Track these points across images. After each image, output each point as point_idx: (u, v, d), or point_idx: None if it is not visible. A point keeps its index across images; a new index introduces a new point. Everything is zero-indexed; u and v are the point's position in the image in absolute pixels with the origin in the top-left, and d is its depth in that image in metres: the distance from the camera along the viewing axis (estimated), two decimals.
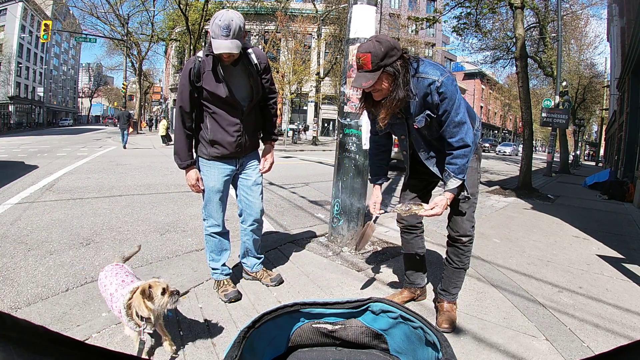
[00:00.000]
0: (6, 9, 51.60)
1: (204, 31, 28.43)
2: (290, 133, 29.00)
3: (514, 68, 11.67)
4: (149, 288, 1.78)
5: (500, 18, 18.70)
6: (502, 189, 9.65)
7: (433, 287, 3.04)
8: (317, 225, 5.02)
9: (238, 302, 2.74)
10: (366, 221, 2.87)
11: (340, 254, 3.84)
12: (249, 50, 2.66)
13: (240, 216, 2.99)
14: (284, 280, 3.13)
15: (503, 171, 18.46)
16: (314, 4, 29.60)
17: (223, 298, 2.76)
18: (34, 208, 5.15)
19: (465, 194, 2.30)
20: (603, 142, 37.05)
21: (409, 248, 2.79)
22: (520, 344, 2.38)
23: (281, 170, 3.02)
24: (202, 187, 2.74)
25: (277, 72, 26.89)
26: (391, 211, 2.30)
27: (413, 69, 2.14)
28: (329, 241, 4.13)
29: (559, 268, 3.98)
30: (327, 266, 3.52)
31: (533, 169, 11.35)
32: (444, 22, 13.83)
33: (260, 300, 2.82)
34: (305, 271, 3.36)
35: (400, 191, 2.80)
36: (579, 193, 11.30)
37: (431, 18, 12.73)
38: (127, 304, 1.81)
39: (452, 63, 51.30)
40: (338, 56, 28.83)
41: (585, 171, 23.16)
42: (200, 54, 2.59)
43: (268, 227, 4.67)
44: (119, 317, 1.91)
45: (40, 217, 4.72)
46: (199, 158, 2.78)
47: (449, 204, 2.48)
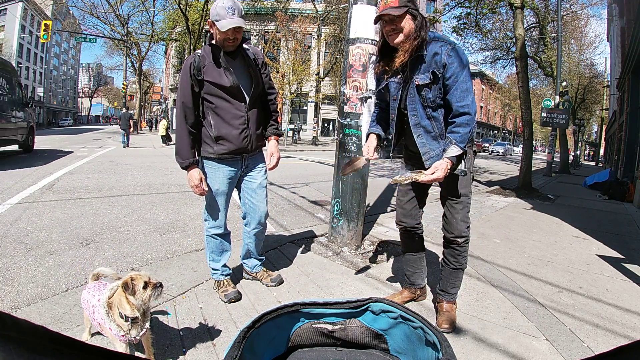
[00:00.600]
0: (6, 9, 51.65)
1: (204, 31, 28.41)
2: (290, 133, 29.04)
3: (514, 68, 11.69)
4: (131, 281, 1.70)
5: (500, 18, 18.72)
6: (502, 189, 9.67)
7: (431, 288, 3.05)
8: (317, 225, 5.02)
9: (238, 302, 2.74)
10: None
11: (340, 254, 3.84)
12: (245, 45, 2.69)
13: (243, 219, 2.97)
14: (284, 280, 3.13)
15: (503, 171, 18.48)
16: (314, 4, 29.61)
17: (223, 298, 2.75)
18: (34, 208, 5.14)
19: (462, 168, 2.27)
20: (603, 142, 37.04)
21: (409, 248, 2.80)
22: (520, 344, 2.39)
23: (281, 170, 3.02)
24: (206, 188, 2.65)
25: (277, 72, 26.90)
26: (392, 182, 2.25)
27: (429, 32, 2.26)
28: (329, 241, 4.13)
29: (559, 268, 3.98)
30: (327, 266, 3.52)
31: (533, 169, 11.37)
32: (444, 22, 13.82)
33: (260, 300, 2.82)
34: (305, 271, 3.37)
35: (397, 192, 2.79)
36: (579, 193, 11.30)
37: (431, 18, 12.73)
38: (108, 303, 1.74)
39: None
40: (338, 56, 28.83)
41: (585, 171, 23.16)
42: (198, 51, 2.61)
43: (268, 228, 4.64)
44: (101, 327, 1.80)
45: (40, 217, 4.71)
46: (203, 160, 2.73)
47: (444, 204, 2.51)
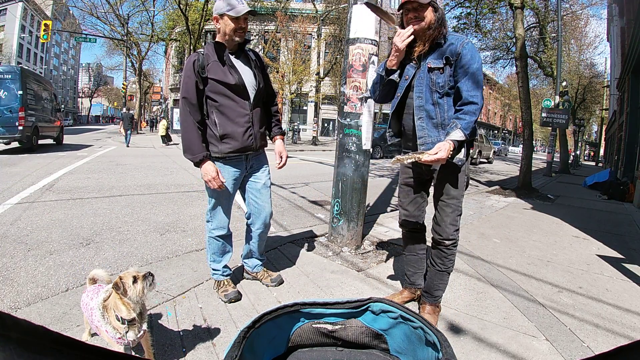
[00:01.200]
0: (6, 9, 51.64)
1: (204, 31, 28.42)
2: (290, 133, 29.06)
3: (514, 68, 11.70)
4: (120, 280, 1.70)
5: (500, 18, 18.69)
6: (502, 189, 9.68)
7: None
8: (317, 225, 5.02)
9: (238, 302, 2.74)
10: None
11: (340, 254, 3.84)
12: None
13: (247, 219, 2.96)
14: (284, 280, 3.12)
15: (503, 171, 18.50)
16: (314, 4, 29.60)
17: (223, 298, 2.75)
18: (34, 208, 5.14)
19: (461, 157, 2.29)
20: (603, 142, 37.03)
21: (411, 249, 2.80)
22: (520, 344, 2.39)
23: (281, 170, 3.03)
24: (224, 180, 2.60)
25: (277, 72, 26.89)
26: (393, 162, 2.24)
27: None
28: (329, 241, 4.14)
29: (559, 268, 3.98)
30: (327, 266, 3.52)
31: (533, 169, 11.37)
32: None
33: (260, 300, 2.82)
34: (305, 271, 3.37)
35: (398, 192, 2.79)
36: (579, 193, 11.30)
37: None
38: (103, 305, 1.73)
39: None
40: (338, 56, 28.82)
41: (585, 171, 23.16)
42: (201, 50, 2.62)
43: None
44: (98, 329, 1.78)
45: (40, 217, 4.71)
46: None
47: (436, 205, 2.51)
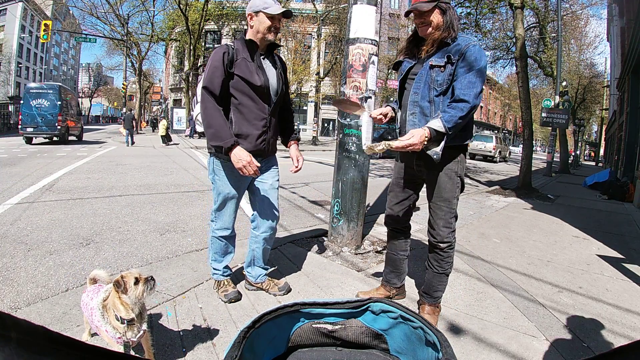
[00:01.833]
0: (6, 9, 51.64)
1: (204, 31, 28.43)
2: None
3: (514, 68, 11.70)
4: (122, 279, 1.69)
5: (500, 18, 18.67)
6: (502, 189, 9.69)
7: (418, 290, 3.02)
8: (317, 225, 5.02)
9: (238, 302, 2.74)
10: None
11: (340, 254, 3.84)
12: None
13: (252, 222, 2.88)
14: (283, 279, 3.11)
15: (503, 171, 18.51)
16: (314, 4, 29.61)
17: (223, 298, 2.74)
18: (34, 208, 5.14)
19: (437, 151, 2.17)
20: (603, 142, 37.02)
21: (392, 248, 2.83)
22: (520, 344, 2.39)
23: (281, 170, 3.01)
24: (259, 165, 2.43)
25: None
26: (366, 149, 2.21)
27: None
28: (329, 241, 4.13)
29: (559, 268, 3.99)
30: (327, 266, 3.52)
31: (533, 169, 11.38)
32: None
33: (260, 300, 2.82)
34: (305, 271, 3.36)
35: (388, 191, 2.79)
36: (579, 193, 11.31)
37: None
38: (103, 305, 1.73)
39: None
40: (338, 56, 28.83)
41: (585, 171, 23.16)
42: (230, 43, 2.56)
43: None
44: (98, 329, 1.78)
45: (40, 217, 4.71)
46: (215, 160, 2.63)
47: (429, 207, 2.50)
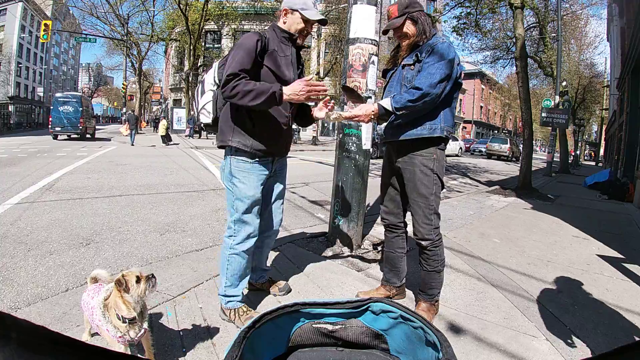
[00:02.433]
0: (6, 9, 51.61)
1: (204, 31, 28.44)
2: None
3: (514, 68, 11.72)
4: (123, 277, 1.68)
5: (500, 18, 18.64)
6: (502, 189, 9.70)
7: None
8: (318, 225, 5.04)
9: None
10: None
11: (340, 254, 3.84)
12: None
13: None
14: (283, 280, 3.10)
15: (503, 171, 18.53)
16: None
17: None
18: (34, 208, 5.14)
19: (381, 127, 2.51)
20: (603, 142, 37.02)
21: (390, 246, 2.84)
22: (520, 344, 2.39)
23: None
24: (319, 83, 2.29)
25: None
26: (325, 118, 2.40)
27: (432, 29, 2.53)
28: (329, 241, 4.14)
29: (559, 268, 3.99)
30: (327, 266, 3.52)
31: (533, 169, 11.39)
32: (444, 22, 13.81)
33: (259, 299, 2.82)
34: (305, 271, 3.36)
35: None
36: (579, 193, 11.32)
37: (431, 18, 12.73)
38: (104, 304, 1.71)
39: None
40: (338, 56, 28.79)
41: (585, 171, 23.16)
42: (264, 32, 2.44)
43: None
44: (99, 328, 1.77)
45: (40, 217, 4.71)
46: (235, 161, 2.41)
47: (410, 207, 2.57)
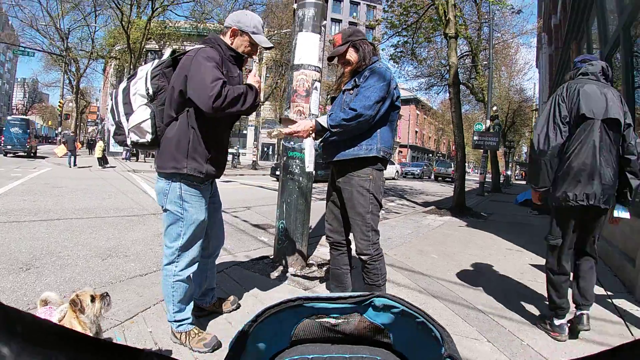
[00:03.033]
0: None
1: (145, 50, 27.88)
2: (229, 157, 28.86)
3: (448, 94, 12.31)
4: (78, 297, 1.67)
5: (435, 47, 19.54)
6: (438, 209, 10.14)
7: None
8: (262, 248, 5.08)
9: None
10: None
11: (286, 275, 3.90)
12: None
13: (203, 249, 2.59)
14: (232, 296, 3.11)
15: (438, 192, 19.31)
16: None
17: (203, 349, 2.37)
18: None
19: (316, 142, 2.72)
20: None
21: (335, 263, 2.94)
22: (464, 347, 2.59)
23: (222, 194, 2.97)
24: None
25: None
26: (267, 135, 2.58)
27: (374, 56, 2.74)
28: (275, 262, 4.19)
29: (495, 277, 4.33)
30: (274, 286, 3.59)
31: (467, 189, 11.97)
32: (382, 51, 14.38)
33: (208, 320, 2.83)
34: (253, 293, 3.40)
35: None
36: (511, 210, 12.03)
37: (373, 45, 13.19)
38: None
39: None
40: (279, 80, 29.11)
41: (516, 189, 24.46)
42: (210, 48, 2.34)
43: None
44: None
45: None
46: (183, 186, 2.30)
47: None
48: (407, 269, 4.36)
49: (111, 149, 30.73)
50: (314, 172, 4.19)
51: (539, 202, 3.08)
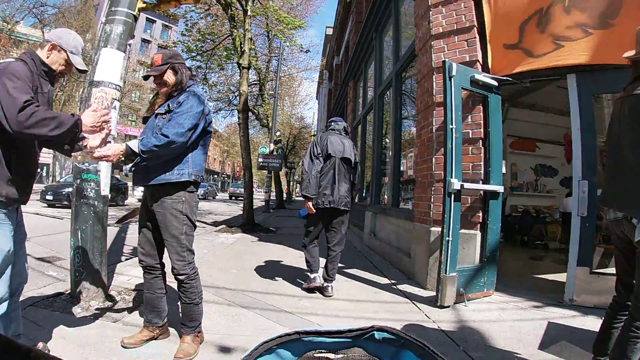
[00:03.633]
0: None
1: None
2: None
3: (235, 118, 12.93)
4: None
5: (225, 73, 20.11)
6: (229, 227, 10.53)
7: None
8: (54, 283, 4.39)
9: None
10: None
11: (89, 309, 3.53)
12: None
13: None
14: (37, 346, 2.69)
15: (226, 212, 19.97)
16: (43, 31, 25.86)
17: None
18: None
19: (127, 168, 2.75)
20: None
21: (149, 287, 2.90)
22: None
23: None
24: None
25: None
26: (72, 159, 2.55)
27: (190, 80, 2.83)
28: (74, 297, 3.72)
29: (293, 281, 4.83)
30: (81, 323, 3.23)
31: (254, 207, 12.64)
32: None
33: None
34: (60, 334, 3.00)
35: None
36: (296, 223, 12.99)
37: (190, 70, 12.89)
38: None
39: None
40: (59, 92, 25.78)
41: (298, 205, 26.51)
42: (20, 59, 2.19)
43: None
44: None
45: None
46: None
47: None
48: (213, 286, 4.45)
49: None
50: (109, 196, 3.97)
51: (314, 211, 4.46)
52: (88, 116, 2.23)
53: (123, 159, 2.52)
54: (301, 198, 5.31)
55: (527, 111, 9.84)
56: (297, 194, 58.75)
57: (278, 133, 21.17)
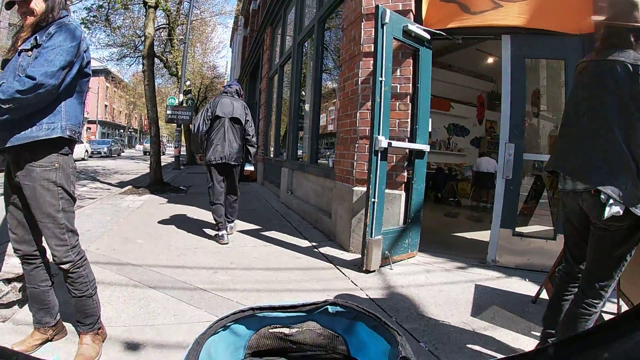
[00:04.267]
0: None
1: None
2: None
3: (141, 66, 11.74)
4: None
5: (131, 15, 18.41)
6: (135, 188, 9.53)
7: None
8: None
9: None
10: None
11: None
12: None
13: None
14: None
15: (133, 170, 18.43)
16: None
17: None
18: None
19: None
20: None
21: (31, 281, 2.30)
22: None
23: None
24: None
25: None
26: None
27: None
28: None
29: (208, 251, 4.33)
30: None
31: (163, 164, 11.66)
32: (74, 13, 12.50)
33: None
34: None
35: None
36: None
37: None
38: None
39: None
40: None
41: None
42: None
43: None
44: None
45: None
46: None
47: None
48: (115, 263, 3.83)
49: None
50: None
51: (202, 162, 5.02)
52: None
53: None
54: None
55: (444, 71, 9.96)
56: None
57: (188, 83, 19.75)
